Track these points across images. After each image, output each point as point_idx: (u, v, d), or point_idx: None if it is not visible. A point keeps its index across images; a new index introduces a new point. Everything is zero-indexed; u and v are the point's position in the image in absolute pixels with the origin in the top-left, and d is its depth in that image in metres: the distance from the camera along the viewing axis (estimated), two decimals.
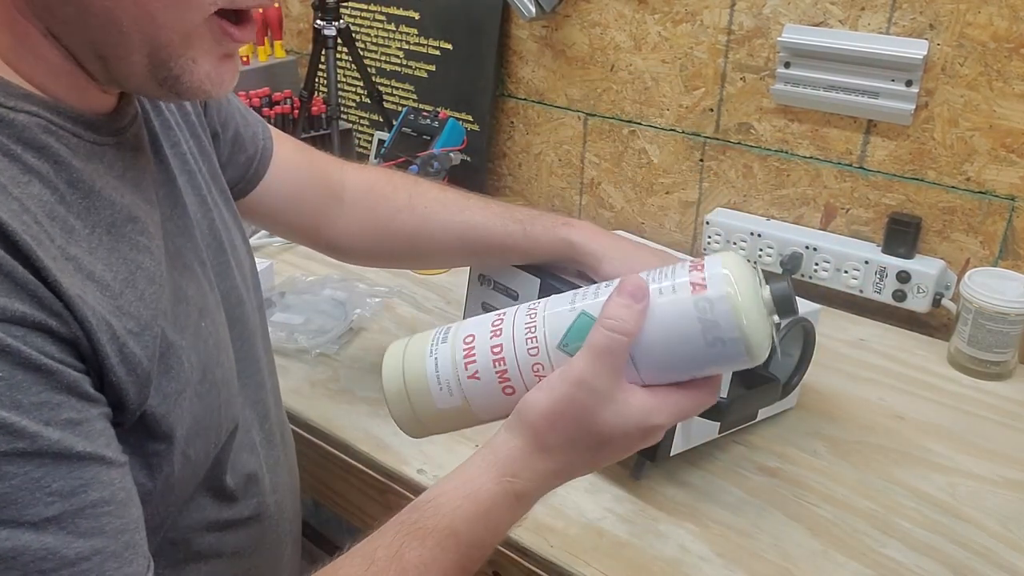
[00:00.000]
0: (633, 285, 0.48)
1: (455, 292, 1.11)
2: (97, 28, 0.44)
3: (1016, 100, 0.93)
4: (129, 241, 0.49)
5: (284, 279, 1.12)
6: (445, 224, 0.81)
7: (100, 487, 0.42)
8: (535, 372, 0.50)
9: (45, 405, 0.40)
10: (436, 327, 0.55)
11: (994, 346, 0.93)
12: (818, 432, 0.85)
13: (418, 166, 1.22)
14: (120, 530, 0.43)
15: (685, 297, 0.47)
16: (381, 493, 0.81)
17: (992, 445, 0.84)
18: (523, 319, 0.51)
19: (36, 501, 0.39)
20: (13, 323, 0.39)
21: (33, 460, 0.39)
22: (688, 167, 1.19)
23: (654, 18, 1.15)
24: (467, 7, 1.32)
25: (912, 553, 0.70)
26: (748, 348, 0.47)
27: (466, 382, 0.52)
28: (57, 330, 0.42)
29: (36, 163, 0.44)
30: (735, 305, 0.46)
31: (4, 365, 0.39)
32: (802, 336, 0.83)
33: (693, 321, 0.47)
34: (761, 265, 1.12)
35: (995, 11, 0.91)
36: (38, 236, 0.42)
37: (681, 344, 0.47)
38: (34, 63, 0.46)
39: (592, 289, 0.51)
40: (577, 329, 0.49)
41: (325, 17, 1.26)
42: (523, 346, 0.50)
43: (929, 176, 1.01)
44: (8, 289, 0.39)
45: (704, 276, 0.47)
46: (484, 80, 1.33)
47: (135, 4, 0.44)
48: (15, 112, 0.44)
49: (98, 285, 0.45)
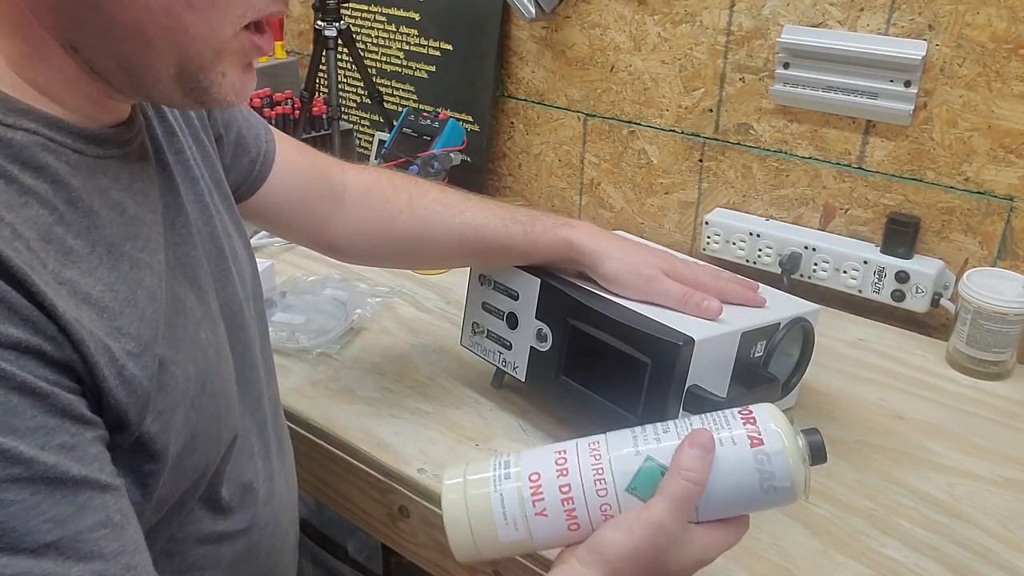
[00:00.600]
0: (703, 437, 0.54)
1: (455, 292, 1.11)
2: (125, 41, 0.44)
3: (1015, 100, 0.93)
4: (130, 259, 0.49)
5: (285, 279, 1.12)
6: (446, 225, 0.81)
7: (95, 511, 0.42)
8: (603, 512, 0.55)
9: (40, 430, 0.40)
10: (491, 457, 0.59)
11: (993, 346, 0.93)
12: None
13: (418, 166, 1.22)
14: (119, 552, 0.43)
15: (745, 450, 0.54)
16: (382, 493, 0.82)
17: (991, 445, 0.84)
18: (588, 460, 0.56)
19: (34, 528, 0.39)
20: (7, 348, 0.39)
21: (29, 487, 0.39)
22: (687, 167, 1.19)
23: (654, 19, 1.15)
24: (467, 8, 1.32)
25: (911, 553, 0.70)
26: (795, 493, 0.54)
27: (533, 519, 0.56)
28: (51, 354, 0.41)
29: (34, 183, 0.44)
30: (788, 459, 0.53)
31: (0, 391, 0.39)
32: (801, 336, 0.83)
33: (752, 472, 0.54)
34: (760, 265, 1.12)
35: (994, 12, 0.91)
36: (31, 261, 0.41)
37: (739, 489, 0.54)
38: (47, 73, 0.45)
39: (651, 431, 0.57)
40: (645, 475, 0.55)
41: (326, 18, 1.27)
42: (592, 487, 0.55)
43: (928, 176, 1.01)
44: (2, 315, 0.39)
45: (759, 430, 0.54)
46: (484, 81, 1.33)
47: (168, 17, 0.44)
48: (13, 130, 0.43)
49: (96, 307, 0.45)
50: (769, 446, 0.53)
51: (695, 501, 0.53)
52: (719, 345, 0.75)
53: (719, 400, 0.72)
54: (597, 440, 0.57)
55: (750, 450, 0.54)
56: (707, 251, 1.17)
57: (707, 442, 0.54)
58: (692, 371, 0.71)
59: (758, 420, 0.55)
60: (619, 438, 0.57)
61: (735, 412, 0.56)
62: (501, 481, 0.56)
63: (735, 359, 0.77)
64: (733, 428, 0.55)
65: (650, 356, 0.72)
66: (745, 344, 0.77)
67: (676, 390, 0.71)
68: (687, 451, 0.53)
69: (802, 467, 0.54)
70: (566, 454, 0.57)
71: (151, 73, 0.46)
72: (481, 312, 0.87)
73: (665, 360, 0.71)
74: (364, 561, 1.12)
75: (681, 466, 0.53)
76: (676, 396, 0.72)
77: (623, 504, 0.55)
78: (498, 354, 0.86)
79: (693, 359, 0.71)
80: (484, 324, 0.87)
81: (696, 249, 1.21)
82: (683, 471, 0.53)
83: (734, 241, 1.14)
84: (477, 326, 0.88)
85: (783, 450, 0.53)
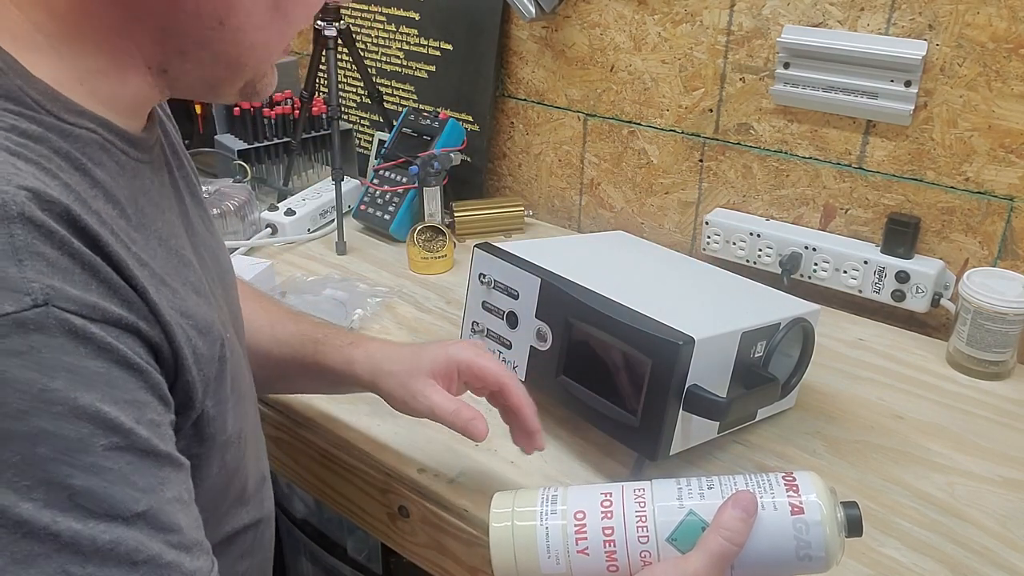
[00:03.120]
0: (747, 500, 0.56)
1: (455, 292, 1.11)
2: (221, 68, 0.49)
3: (1015, 100, 0.93)
4: (177, 255, 0.52)
5: (285, 279, 1.12)
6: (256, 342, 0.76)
7: (173, 486, 0.45)
8: (642, 558, 0.57)
9: (136, 403, 0.43)
10: (539, 488, 0.61)
11: (993, 346, 0.93)
12: (817, 432, 0.85)
13: (418, 166, 1.22)
14: (190, 527, 0.45)
15: (785, 516, 0.56)
16: (382, 493, 0.82)
17: (991, 444, 0.84)
18: (633, 506, 0.58)
19: (127, 497, 0.41)
20: (110, 324, 0.42)
21: (126, 455, 0.41)
22: (688, 167, 1.19)
23: (654, 19, 1.15)
24: (467, 7, 1.32)
25: (911, 552, 0.70)
26: (828, 563, 0.56)
27: (575, 556, 0.58)
28: (146, 332, 0.44)
29: (101, 176, 0.46)
30: (826, 530, 0.55)
31: (104, 362, 0.41)
32: (801, 336, 0.83)
33: (790, 538, 0.55)
34: (760, 265, 1.12)
35: (994, 12, 0.91)
36: (118, 245, 0.44)
37: (775, 553, 0.56)
38: (116, 87, 0.48)
39: (696, 484, 0.59)
40: (687, 528, 0.57)
41: (325, 18, 1.27)
42: (634, 533, 0.57)
43: (928, 176, 1.01)
44: (104, 293, 0.42)
45: (801, 500, 0.56)
46: (484, 80, 1.33)
47: (265, 50, 0.49)
48: (78, 128, 0.46)
49: (169, 288, 0.48)
50: (809, 516, 0.55)
51: (731, 560, 0.55)
52: (719, 345, 0.75)
53: (719, 400, 0.72)
54: (643, 487, 0.59)
55: (790, 517, 0.56)
56: (707, 251, 1.17)
57: (750, 505, 0.55)
58: (692, 371, 0.71)
59: (800, 489, 0.57)
60: (664, 488, 0.59)
61: (779, 477, 0.58)
62: (548, 516, 0.59)
63: (735, 359, 0.77)
64: (776, 494, 0.57)
65: (650, 355, 0.72)
66: (745, 344, 0.77)
67: (676, 390, 0.71)
68: (730, 511, 0.55)
69: (838, 539, 0.55)
70: (611, 497, 0.59)
71: (232, 87, 0.52)
72: (481, 311, 0.87)
73: (665, 359, 0.71)
74: (364, 561, 1.11)
75: (723, 525, 0.55)
76: (676, 396, 0.72)
77: (662, 553, 0.57)
78: (498, 353, 0.86)
79: (693, 359, 0.71)
80: (484, 323, 0.87)
81: (696, 249, 1.21)
82: (723, 530, 0.55)
83: (734, 241, 1.14)
84: (477, 325, 0.88)
85: (821, 521, 0.55)
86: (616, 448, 0.80)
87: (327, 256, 1.24)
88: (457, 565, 0.79)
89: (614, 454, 0.81)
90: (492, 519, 0.60)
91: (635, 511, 0.58)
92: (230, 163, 1.37)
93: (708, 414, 0.72)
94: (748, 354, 0.78)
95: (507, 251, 0.86)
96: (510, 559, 0.59)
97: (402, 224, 1.27)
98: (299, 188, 1.37)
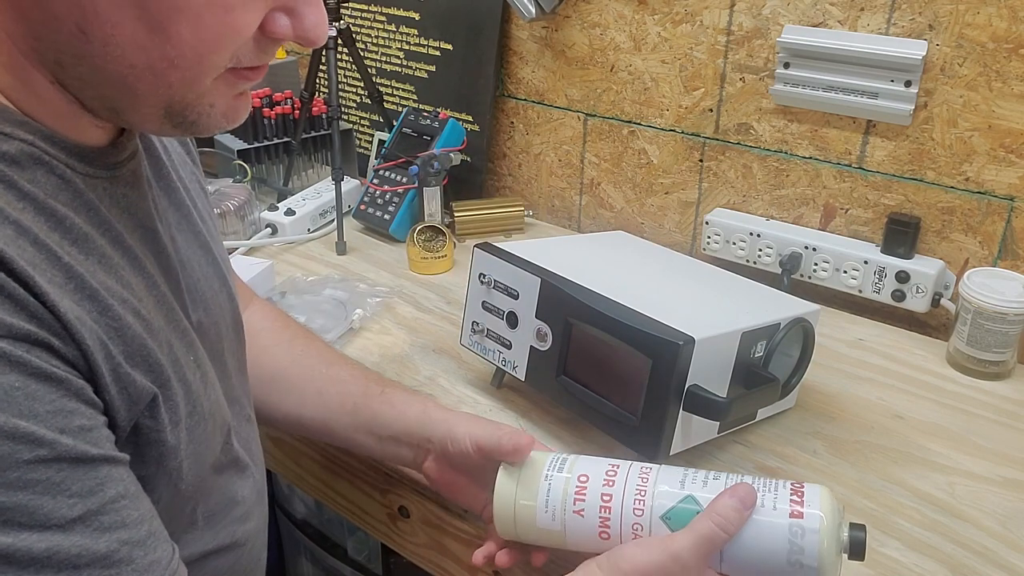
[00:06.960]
0: (745, 492, 0.56)
1: (455, 292, 1.11)
2: (108, 87, 0.45)
3: (1015, 100, 0.93)
4: (116, 275, 0.49)
5: (285, 279, 1.12)
6: (313, 369, 0.77)
7: (114, 483, 0.44)
8: (633, 529, 0.58)
9: (60, 412, 0.42)
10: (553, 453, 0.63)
11: (993, 346, 0.93)
12: (817, 432, 0.85)
13: (418, 166, 1.22)
14: (139, 520, 0.45)
15: (782, 517, 0.55)
16: (382, 493, 0.82)
17: (991, 444, 0.84)
18: (635, 480, 0.59)
19: (60, 505, 0.41)
20: (19, 339, 0.41)
21: (53, 466, 0.41)
22: (688, 167, 1.19)
23: (654, 19, 1.15)
24: (467, 7, 1.32)
25: (911, 552, 0.70)
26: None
27: (570, 515, 0.60)
28: (59, 348, 0.43)
29: (31, 190, 0.45)
30: (823, 541, 0.54)
31: (19, 376, 0.40)
32: (801, 336, 0.83)
33: (783, 541, 0.55)
34: (760, 265, 1.12)
35: (994, 12, 0.91)
36: (33, 260, 0.43)
37: (766, 554, 0.55)
38: (36, 103, 0.46)
39: (701, 475, 0.59)
40: (682, 510, 0.57)
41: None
42: (630, 505, 0.58)
43: (928, 176, 1.01)
44: (12, 310, 0.41)
45: (803, 505, 0.56)
46: (484, 80, 1.33)
47: (152, 74, 0.44)
48: (10, 140, 0.44)
49: (99, 305, 0.46)
50: (807, 523, 0.55)
51: (719, 545, 0.55)
52: (720, 345, 0.75)
53: (719, 400, 0.72)
54: (651, 468, 0.61)
55: (787, 520, 0.55)
56: (707, 251, 1.17)
57: (747, 497, 0.55)
58: (692, 371, 0.71)
59: (805, 497, 0.56)
60: (670, 472, 0.60)
61: (788, 483, 0.58)
62: (553, 473, 0.61)
63: (735, 359, 0.77)
64: (779, 495, 0.57)
65: (650, 355, 0.72)
66: (745, 344, 0.77)
67: (676, 389, 0.71)
68: (726, 499, 0.56)
69: (835, 555, 0.55)
70: (618, 469, 0.61)
71: (138, 113, 0.47)
72: (481, 311, 0.87)
73: (665, 359, 0.71)
74: (364, 561, 1.11)
75: (716, 510, 0.55)
76: (676, 395, 0.72)
77: (653, 529, 0.58)
78: (498, 353, 0.86)
79: (693, 359, 0.71)
80: (484, 323, 0.87)
81: (696, 249, 1.21)
82: (716, 515, 0.55)
83: (734, 241, 1.14)
84: (477, 325, 0.88)
85: (819, 530, 0.54)
86: (616, 448, 0.80)
87: (327, 256, 1.24)
88: (457, 565, 0.79)
89: (614, 454, 0.81)
90: (501, 468, 0.62)
91: (636, 485, 0.59)
92: (230, 163, 1.37)
93: (708, 414, 0.72)
94: (748, 354, 0.78)
95: (507, 251, 0.86)
96: (510, 508, 0.61)
97: (402, 224, 1.27)
98: (299, 188, 1.37)
